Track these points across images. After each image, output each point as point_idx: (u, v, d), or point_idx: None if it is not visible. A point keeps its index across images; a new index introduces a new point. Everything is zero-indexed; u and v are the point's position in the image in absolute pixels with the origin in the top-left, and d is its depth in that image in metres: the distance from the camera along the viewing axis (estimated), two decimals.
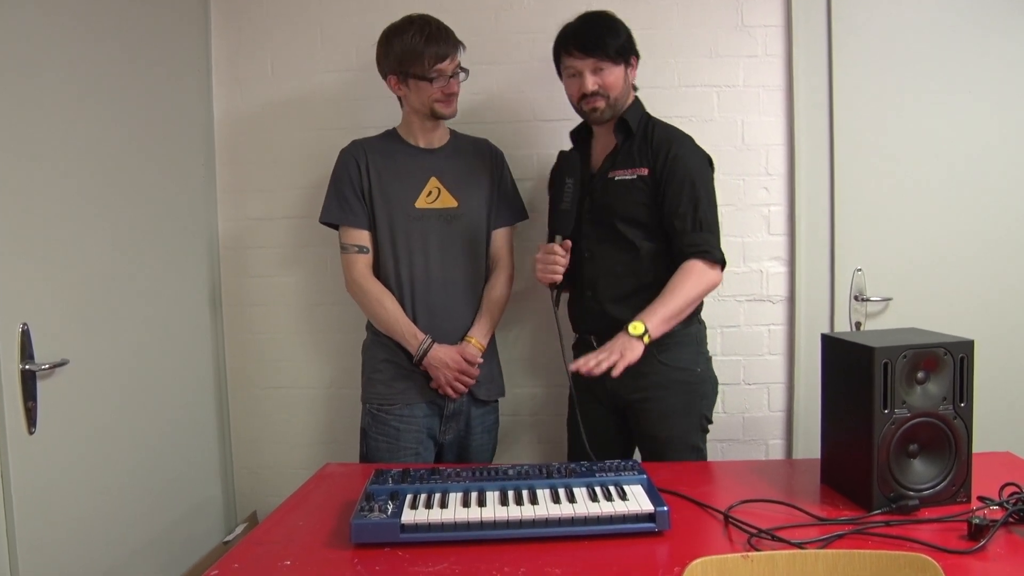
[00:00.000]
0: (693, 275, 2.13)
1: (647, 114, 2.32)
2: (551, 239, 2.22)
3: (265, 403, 2.97)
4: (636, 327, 2.03)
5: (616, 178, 2.24)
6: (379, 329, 2.44)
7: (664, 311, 2.08)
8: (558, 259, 2.22)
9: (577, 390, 2.32)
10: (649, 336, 2.04)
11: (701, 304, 2.31)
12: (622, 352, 2.00)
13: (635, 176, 2.21)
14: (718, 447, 2.78)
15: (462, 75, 2.38)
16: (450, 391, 2.39)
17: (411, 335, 2.37)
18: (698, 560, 1.19)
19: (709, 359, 2.35)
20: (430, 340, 2.37)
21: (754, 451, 2.86)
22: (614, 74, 2.19)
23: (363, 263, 2.42)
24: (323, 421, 2.95)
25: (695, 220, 2.15)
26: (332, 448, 2.89)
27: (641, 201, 2.21)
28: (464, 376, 2.38)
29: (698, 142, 2.27)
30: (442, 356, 2.36)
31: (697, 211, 2.15)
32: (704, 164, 2.24)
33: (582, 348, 2.36)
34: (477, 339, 2.44)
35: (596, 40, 2.17)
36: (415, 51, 2.28)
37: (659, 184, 2.18)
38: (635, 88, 2.32)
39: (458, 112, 2.40)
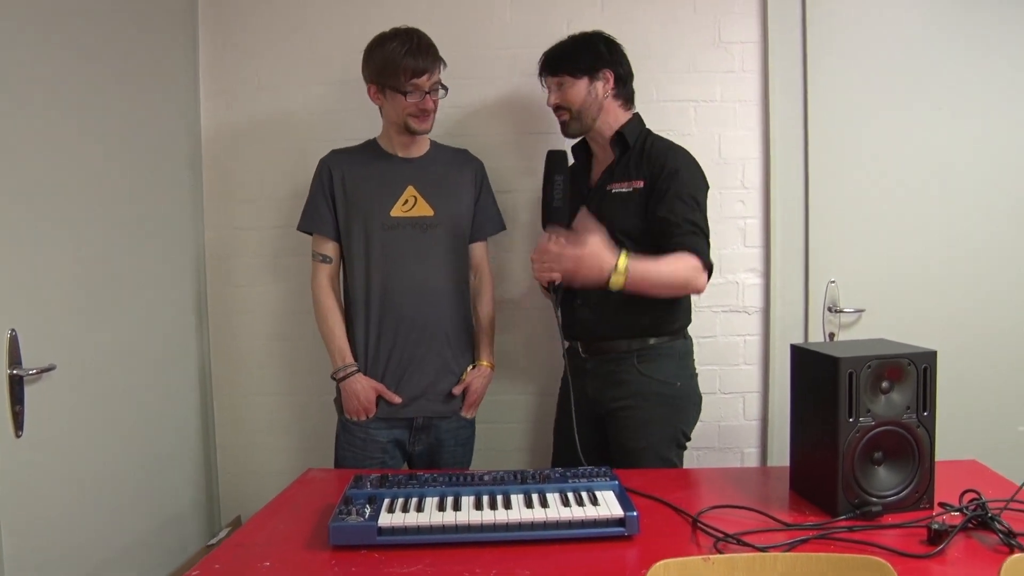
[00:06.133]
0: (686, 262, 2.11)
1: (647, 130, 2.37)
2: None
3: (250, 410, 3.00)
4: (617, 283, 2.01)
5: (613, 191, 2.28)
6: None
7: (648, 273, 2.06)
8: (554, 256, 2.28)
9: (563, 395, 2.39)
10: (625, 279, 2.02)
11: (687, 319, 2.36)
12: (588, 267, 2.01)
13: (631, 189, 2.25)
14: (694, 455, 2.81)
15: (441, 92, 2.39)
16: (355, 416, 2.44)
17: (340, 355, 2.42)
18: (660, 563, 1.23)
19: (693, 376, 2.37)
20: (355, 368, 2.42)
21: (730, 459, 2.90)
22: (575, 87, 2.30)
23: (324, 273, 2.47)
24: (307, 428, 2.98)
25: (692, 224, 2.15)
26: (315, 454, 2.91)
27: (635, 213, 2.24)
28: (368, 410, 2.42)
29: None
30: (357, 388, 2.40)
31: (694, 219, 2.16)
32: (701, 180, 2.26)
33: (571, 355, 2.40)
34: (487, 360, 2.55)
35: (554, 58, 2.34)
36: (393, 63, 2.30)
37: (652, 194, 2.20)
38: (630, 105, 2.38)
39: (436, 125, 2.42)
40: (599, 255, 2.01)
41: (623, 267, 2.01)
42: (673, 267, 2.10)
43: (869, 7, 2.79)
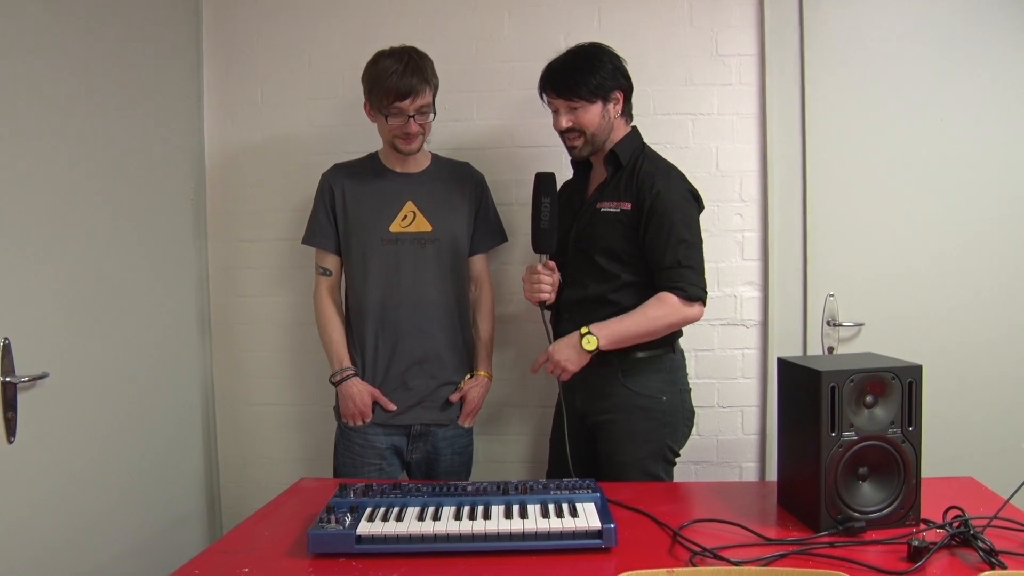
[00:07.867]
0: (661, 305, 2.17)
1: (642, 146, 2.33)
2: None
3: (252, 420, 3.03)
4: (590, 342, 2.16)
5: (602, 209, 2.27)
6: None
7: (619, 329, 2.17)
8: (543, 278, 2.28)
9: (557, 407, 2.40)
10: (599, 350, 2.17)
11: (679, 332, 2.35)
12: (565, 366, 2.19)
13: (619, 209, 2.24)
14: (691, 469, 2.80)
15: (430, 116, 2.39)
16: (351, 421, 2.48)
17: (337, 359, 2.48)
18: (624, 574, 1.23)
19: (683, 391, 2.35)
20: (352, 372, 2.45)
21: (728, 473, 2.88)
22: (589, 112, 2.23)
23: (324, 285, 2.53)
24: (310, 438, 3.00)
25: (675, 257, 2.17)
26: (316, 464, 2.93)
27: (622, 235, 2.24)
28: (364, 413, 2.45)
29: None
30: (353, 391, 2.43)
31: (678, 248, 2.17)
32: (688, 200, 2.24)
33: None
34: (485, 371, 2.59)
35: (568, 82, 2.22)
36: (380, 84, 2.31)
37: (640, 219, 2.20)
38: (630, 119, 2.35)
39: (436, 138, 2.45)
40: (567, 340, 2.21)
41: (585, 330, 2.18)
42: (646, 318, 2.19)
43: (867, 21, 2.78)
